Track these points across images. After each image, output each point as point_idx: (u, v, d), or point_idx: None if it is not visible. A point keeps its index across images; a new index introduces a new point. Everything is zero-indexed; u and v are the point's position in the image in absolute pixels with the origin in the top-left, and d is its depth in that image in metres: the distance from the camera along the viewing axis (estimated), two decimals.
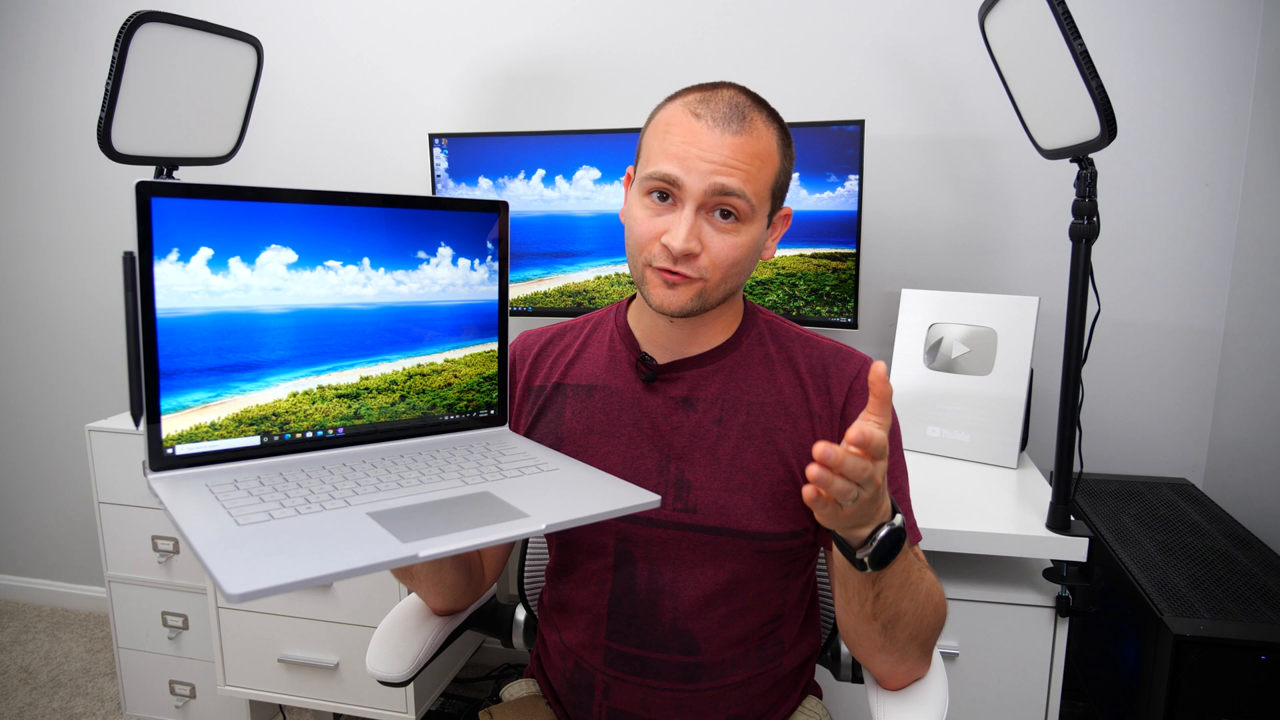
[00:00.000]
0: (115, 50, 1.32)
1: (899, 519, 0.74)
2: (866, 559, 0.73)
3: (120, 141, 1.38)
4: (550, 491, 0.76)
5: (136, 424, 0.72)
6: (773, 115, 0.87)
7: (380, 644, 1.02)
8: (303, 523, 0.66)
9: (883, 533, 0.72)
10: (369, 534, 0.64)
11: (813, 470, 0.64)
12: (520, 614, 1.18)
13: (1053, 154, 1.27)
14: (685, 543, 0.89)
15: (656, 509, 0.89)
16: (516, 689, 1.07)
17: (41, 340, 2.41)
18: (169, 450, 0.74)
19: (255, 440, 0.78)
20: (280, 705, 1.97)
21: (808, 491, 0.66)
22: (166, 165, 1.51)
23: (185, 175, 1.55)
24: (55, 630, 2.40)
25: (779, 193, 0.88)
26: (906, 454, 1.61)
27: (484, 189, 1.85)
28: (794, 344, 0.94)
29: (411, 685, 1.65)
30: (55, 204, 2.31)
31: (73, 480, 2.45)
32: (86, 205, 2.29)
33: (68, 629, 2.41)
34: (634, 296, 0.99)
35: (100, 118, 1.34)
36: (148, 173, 1.52)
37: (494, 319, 0.92)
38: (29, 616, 2.48)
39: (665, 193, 0.84)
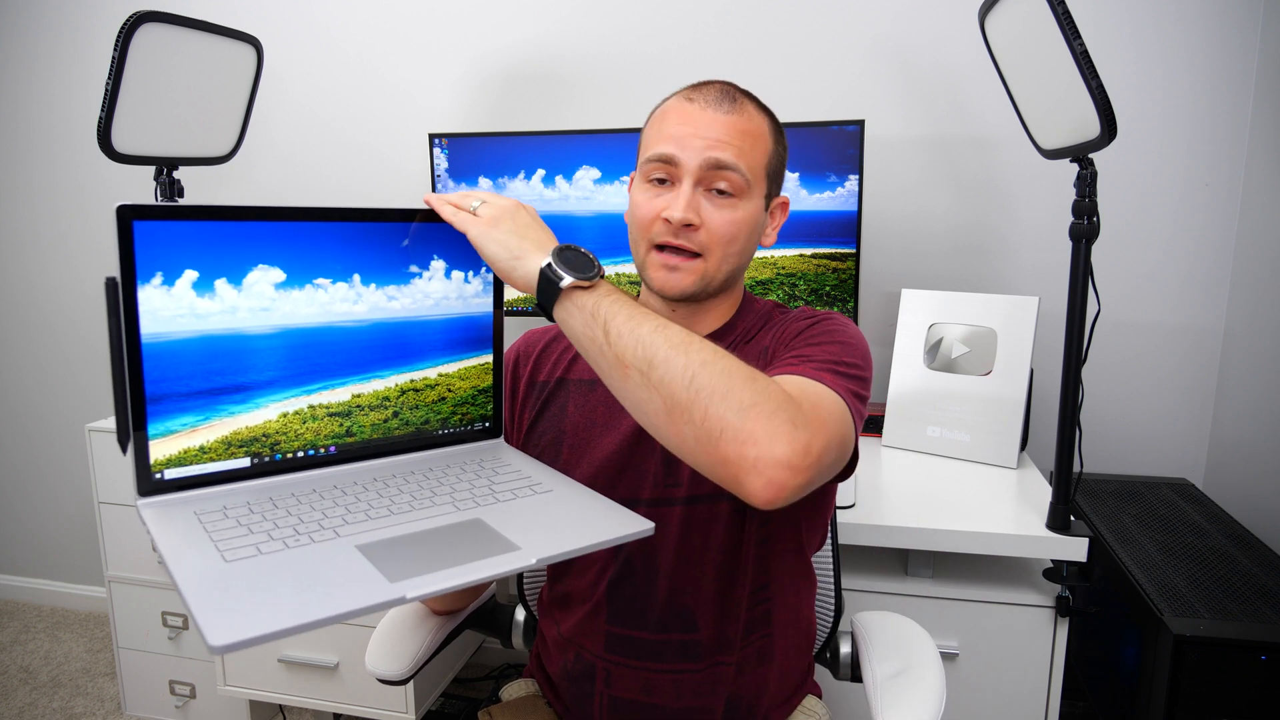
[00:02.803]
0: (115, 50, 1.32)
1: (584, 250, 0.78)
2: (552, 265, 0.74)
3: (120, 141, 1.38)
4: (543, 518, 0.75)
5: (124, 450, 0.71)
6: (763, 106, 0.92)
7: (380, 643, 1.02)
8: (290, 558, 0.64)
9: (566, 252, 0.76)
10: (357, 572, 0.63)
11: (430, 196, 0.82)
12: (520, 614, 1.18)
13: (1053, 154, 1.27)
14: (673, 517, 0.90)
15: (649, 490, 0.91)
16: (516, 689, 1.07)
17: (41, 340, 2.41)
18: (157, 475, 0.73)
19: (245, 462, 0.77)
20: (280, 705, 1.97)
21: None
22: (166, 165, 1.51)
23: (185, 175, 1.56)
24: (55, 630, 2.40)
25: (774, 177, 0.91)
26: (907, 453, 1.63)
27: (484, 189, 1.85)
28: (780, 320, 0.94)
29: (411, 685, 1.65)
30: (55, 204, 2.31)
31: (73, 480, 2.45)
32: (86, 205, 2.29)
33: (68, 629, 2.41)
34: (635, 296, 1.00)
35: (100, 118, 1.34)
36: (147, 173, 1.52)
37: (489, 331, 0.91)
38: (29, 616, 2.48)
39: (664, 176, 0.88)
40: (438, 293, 0.87)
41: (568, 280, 0.73)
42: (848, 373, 0.80)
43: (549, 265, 0.74)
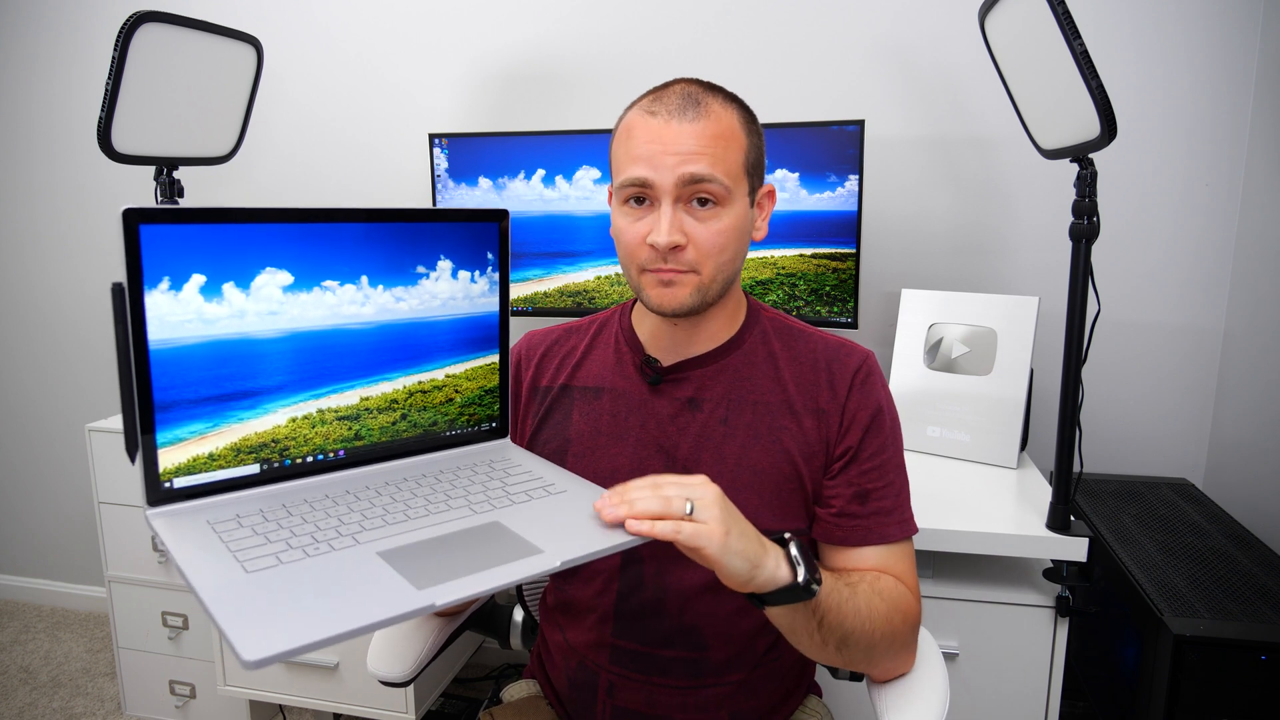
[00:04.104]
0: (115, 50, 1.32)
1: (787, 534, 0.74)
2: (804, 579, 0.71)
3: (120, 141, 1.38)
4: (561, 520, 0.74)
5: (132, 459, 0.70)
6: (730, 98, 0.88)
7: (381, 644, 1.02)
8: (312, 566, 0.64)
9: (793, 549, 0.73)
10: (382, 579, 0.62)
11: (606, 507, 0.70)
12: (518, 615, 1.18)
13: (1053, 154, 1.27)
14: None
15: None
16: (517, 689, 1.07)
17: (41, 340, 2.41)
18: (166, 484, 0.72)
19: (255, 469, 0.76)
20: (280, 705, 1.97)
21: (640, 527, 0.68)
22: (166, 165, 1.51)
23: (185, 175, 1.56)
24: (55, 630, 2.40)
25: (754, 170, 0.88)
26: (907, 454, 1.61)
27: (484, 189, 1.85)
28: (798, 341, 0.95)
29: (412, 686, 1.65)
30: (55, 204, 2.31)
31: (73, 480, 2.45)
32: (86, 205, 2.29)
33: (68, 629, 2.41)
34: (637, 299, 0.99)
35: (100, 118, 1.34)
36: (148, 173, 1.52)
37: (495, 330, 0.90)
38: (29, 616, 2.48)
39: (641, 196, 0.86)
40: (444, 293, 0.86)
41: (817, 591, 0.72)
42: (907, 480, 0.92)
43: (807, 582, 0.71)
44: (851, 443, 0.89)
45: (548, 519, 0.74)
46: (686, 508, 0.68)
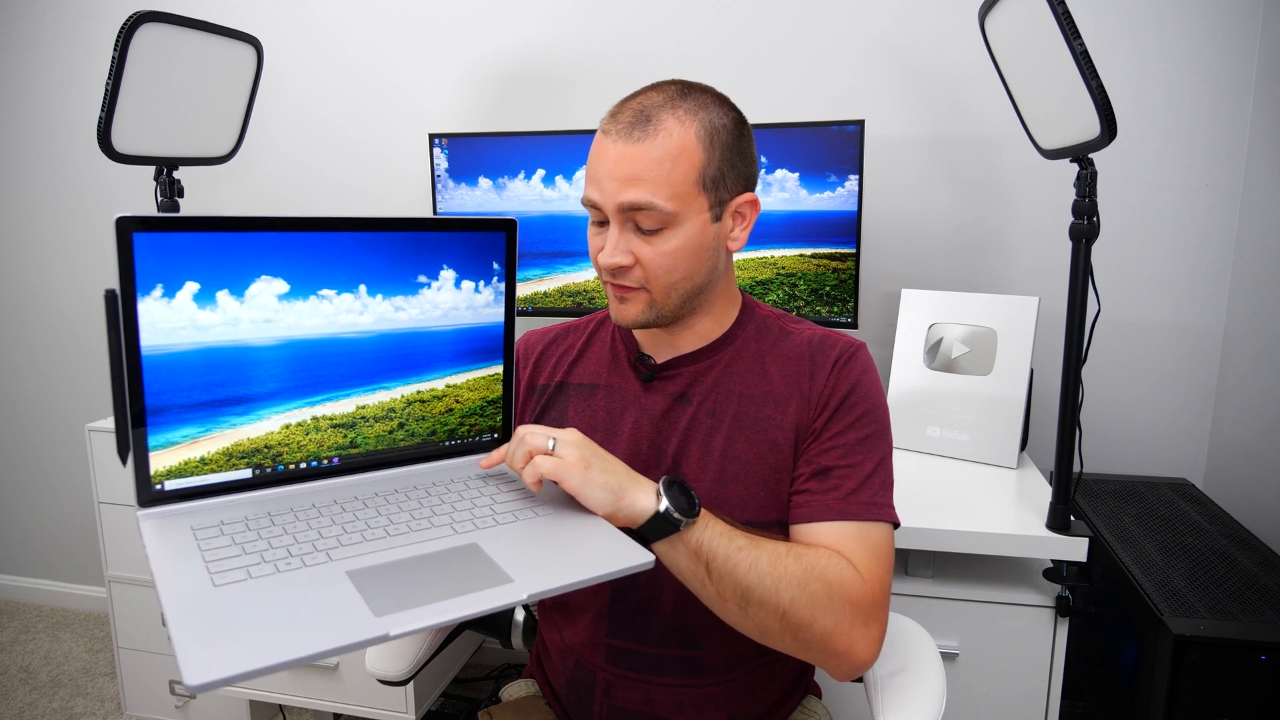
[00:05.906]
0: (115, 50, 1.32)
1: (663, 479, 0.77)
2: (664, 507, 0.74)
3: (120, 141, 1.38)
4: (541, 546, 0.73)
5: (124, 461, 0.71)
6: (699, 105, 0.84)
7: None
8: (279, 583, 0.63)
9: (661, 483, 0.76)
10: (343, 603, 0.62)
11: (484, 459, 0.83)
12: (520, 615, 1.18)
13: (1053, 154, 1.27)
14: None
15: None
16: (516, 689, 1.07)
17: (41, 340, 2.41)
18: (157, 486, 0.72)
19: (247, 473, 0.77)
20: (280, 705, 1.97)
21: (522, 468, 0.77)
22: (166, 165, 1.51)
23: (185, 175, 1.56)
24: (55, 630, 2.40)
25: (716, 184, 0.84)
26: (907, 454, 1.63)
27: (484, 189, 1.85)
28: (788, 335, 0.95)
29: (411, 685, 1.65)
30: (55, 204, 2.31)
31: (73, 480, 2.45)
32: (87, 206, 2.29)
33: (68, 629, 2.41)
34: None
35: (100, 118, 1.34)
36: (147, 173, 1.52)
37: (499, 341, 0.90)
38: (29, 616, 2.48)
39: (599, 218, 0.87)
40: (446, 303, 0.86)
41: (685, 523, 0.75)
42: (888, 472, 0.88)
43: (668, 510, 0.75)
44: (820, 423, 0.89)
45: (528, 545, 0.73)
46: (549, 444, 0.75)
